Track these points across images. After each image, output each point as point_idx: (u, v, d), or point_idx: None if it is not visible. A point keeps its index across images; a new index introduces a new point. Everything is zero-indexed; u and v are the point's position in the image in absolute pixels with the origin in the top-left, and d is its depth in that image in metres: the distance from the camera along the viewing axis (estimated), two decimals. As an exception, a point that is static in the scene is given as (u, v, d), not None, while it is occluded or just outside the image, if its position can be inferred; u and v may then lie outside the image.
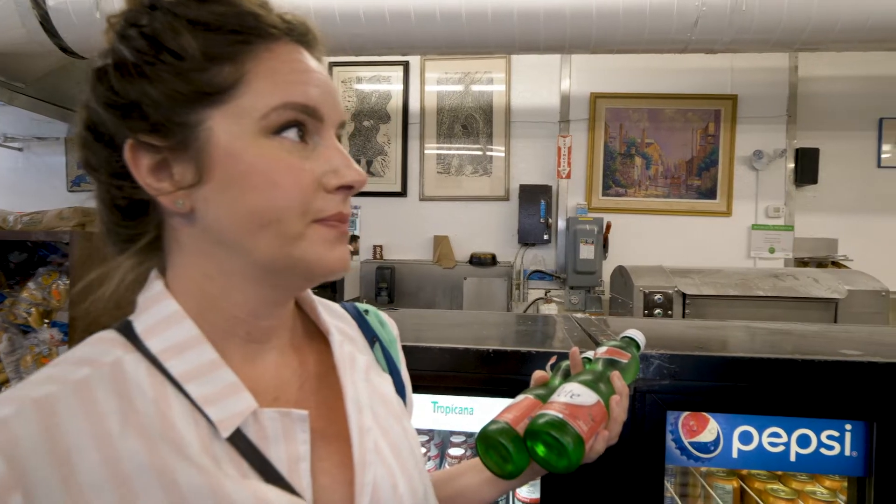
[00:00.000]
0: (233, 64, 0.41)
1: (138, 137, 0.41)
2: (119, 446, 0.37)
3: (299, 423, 0.44)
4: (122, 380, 0.40)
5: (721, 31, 2.26)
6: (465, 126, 3.47)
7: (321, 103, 0.43)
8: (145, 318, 0.43)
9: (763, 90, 3.22)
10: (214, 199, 0.41)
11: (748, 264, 3.25)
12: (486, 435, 0.59)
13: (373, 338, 0.60)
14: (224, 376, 0.42)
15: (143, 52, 0.40)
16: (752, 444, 0.87)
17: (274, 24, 0.43)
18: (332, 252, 0.44)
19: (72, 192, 3.61)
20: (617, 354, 0.67)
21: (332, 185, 0.43)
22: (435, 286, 3.39)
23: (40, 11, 2.22)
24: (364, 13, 2.35)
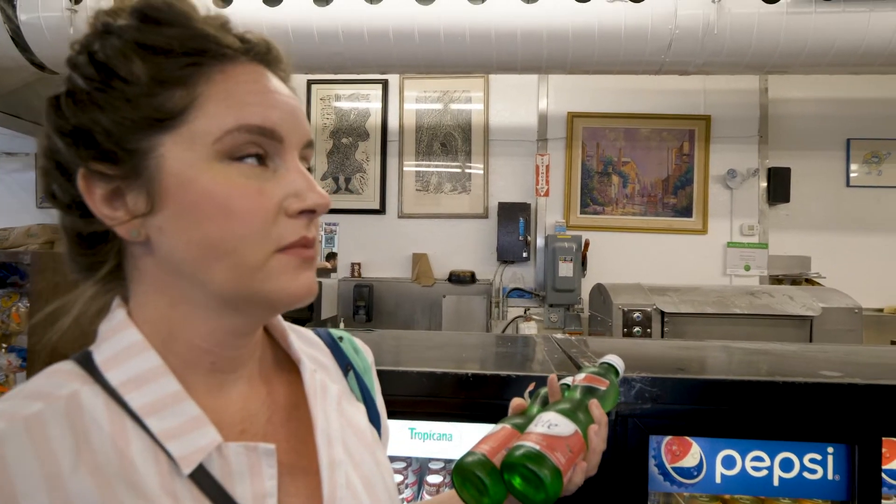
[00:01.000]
0: (184, 88, 0.40)
1: (90, 166, 0.40)
2: (70, 487, 0.35)
3: (265, 457, 0.42)
4: (77, 414, 0.38)
5: (694, 54, 2.32)
6: (444, 144, 3.48)
7: (280, 124, 0.41)
8: (105, 349, 0.42)
9: (735, 111, 3.31)
10: (168, 228, 0.40)
11: (724, 281, 3.29)
12: (462, 467, 0.57)
13: (347, 365, 0.58)
14: (187, 409, 0.41)
15: (93, 78, 0.39)
16: (735, 469, 0.86)
17: (229, 44, 0.42)
18: (295, 281, 0.42)
19: (41, 208, 3.52)
20: (595, 381, 0.65)
21: (293, 210, 0.42)
22: (414, 304, 3.35)
23: (11, 26, 2.18)
24: (343, 32, 2.34)
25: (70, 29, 2.17)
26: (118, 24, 0.40)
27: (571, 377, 0.69)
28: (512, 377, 0.88)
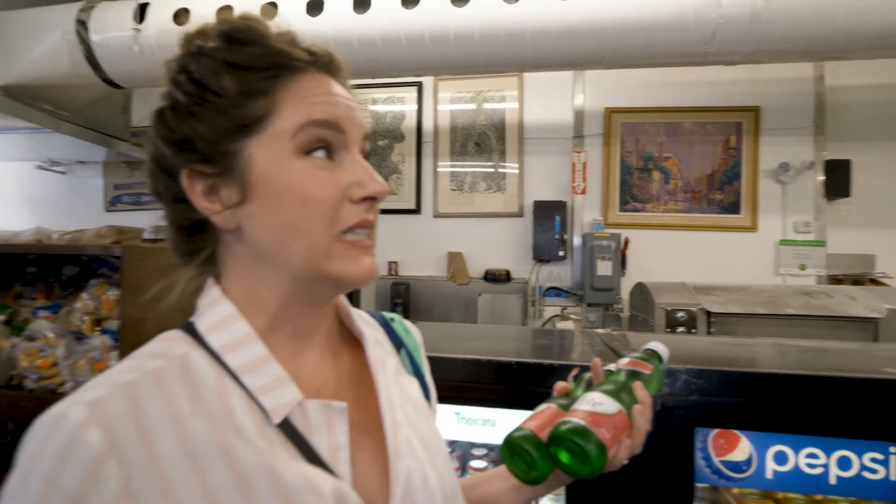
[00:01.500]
0: (265, 97, 0.47)
1: (191, 167, 0.48)
2: (189, 426, 0.42)
3: (339, 414, 0.49)
4: (189, 371, 0.46)
5: (741, 42, 2.22)
6: (479, 143, 3.47)
7: (342, 118, 0.49)
8: (205, 319, 0.49)
9: (787, 101, 3.15)
10: (257, 215, 0.47)
11: (776, 282, 3.14)
12: (511, 441, 0.61)
13: (399, 344, 0.64)
14: (273, 370, 0.47)
15: (192, 94, 0.47)
16: (787, 465, 0.81)
17: (300, 57, 0.49)
18: (357, 266, 0.49)
19: (108, 211, 3.80)
20: (639, 366, 0.67)
21: (356, 196, 0.48)
22: (449, 302, 3.35)
23: (85, 47, 2.35)
24: (380, 38, 2.38)
25: (135, 47, 2.31)
26: (209, 46, 0.48)
27: (614, 363, 0.70)
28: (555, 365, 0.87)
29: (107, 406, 0.40)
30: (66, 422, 0.39)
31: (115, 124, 3.16)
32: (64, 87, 2.57)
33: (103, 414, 0.40)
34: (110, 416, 0.40)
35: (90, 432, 0.39)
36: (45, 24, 2.37)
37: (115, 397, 0.41)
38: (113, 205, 3.80)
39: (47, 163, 3.63)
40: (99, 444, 0.38)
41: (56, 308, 1.48)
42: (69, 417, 0.39)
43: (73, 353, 1.33)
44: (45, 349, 1.31)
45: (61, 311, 1.46)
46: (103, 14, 2.36)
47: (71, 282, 1.60)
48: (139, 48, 2.31)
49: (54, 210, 3.80)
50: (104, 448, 0.39)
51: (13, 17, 2.41)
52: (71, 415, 0.39)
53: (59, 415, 0.39)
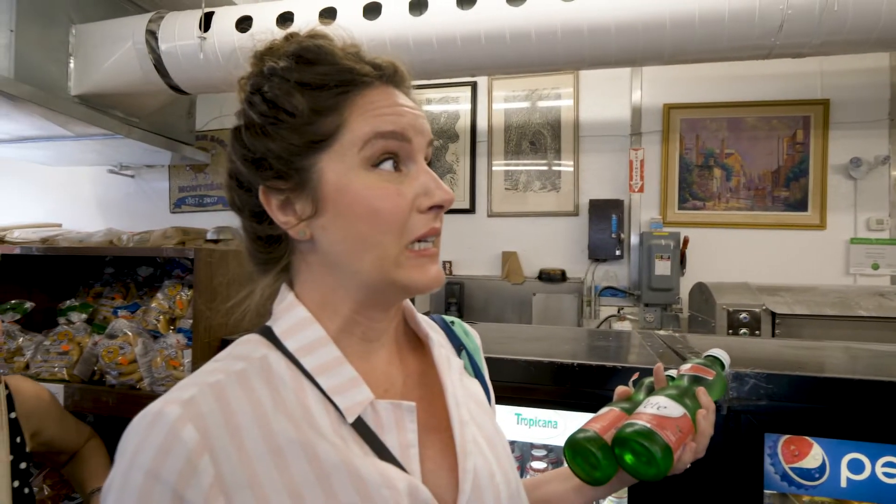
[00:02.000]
0: (335, 113, 0.49)
1: (267, 183, 0.50)
2: (273, 423, 0.45)
3: (408, 413, 0.50)
4: (269, 372, 0.48)
5: (809, 34, 2.14)
6: (533, 142, 3.48)
7: (406, 128, 0.50)
8: (282, 323, 0.52)
9: (859, 93, 2.98)
10: (329, 227, 0.49)
11: (847, 282, 2.98)
12: (575, 442, 0.62)
13: (459, 346, 0.66)
14: (346, 371, 0.50)
15: (266, 114, 0.49)
16: (863, 474, 0.81)
17: (367, 73, 0.50)
18: (424, 275, 0.50)
19: (174, 213, 3.99)
20: (701, 371, 0.68)
21: (424, 206, 0.50)
22: (504, 302, 3.38)
23: (154, 55, 2.50)
24: (436, 39, 2.43)
25: (200, 54, 2.46)
26: (280, 66, 0.50)
27: (676, 369, 0.71)
28: (618, 368, 0.90)
29: (199, 404, 0.43)
30: (163, 419, 0.42)
31: (180, 129, 3.32)
32: (134, 95, 2.72)
33: (196, 412, 0.43)
34: (202, 414, 0.43)
35: (186, 429, 0.41)
36: (117, 35, 2.52)
37: (206, 396, 0.44)
38: (178, 206, 3.99)
39: (118, 167, 3.83)
40: (194, 440, 0.41)
41: (134, 308, 1.57)
42: (166, 415, 0.42)
43: (149, 350, 1.40)
44: (125, 347, 1.38)
45: (138, 311, 1.55)
46: (171, 24, 2.49)
47: (146, 282, 1.69)
48: (204, 55, 2.43)
49: (124, 212, 4.03)
50: (199, 443, 0.41)
51: (90, 29, 2.56)
52: (168, 412, 0.42)
53: (157, 412, 0.42)
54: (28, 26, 2.30)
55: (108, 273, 1.73)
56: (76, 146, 2.99)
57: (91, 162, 3.72)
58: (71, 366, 1.41)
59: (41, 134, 2.77)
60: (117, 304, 1.60)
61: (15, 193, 4.17)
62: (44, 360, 1.40)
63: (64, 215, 3.80)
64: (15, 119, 2.50)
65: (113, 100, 2.71)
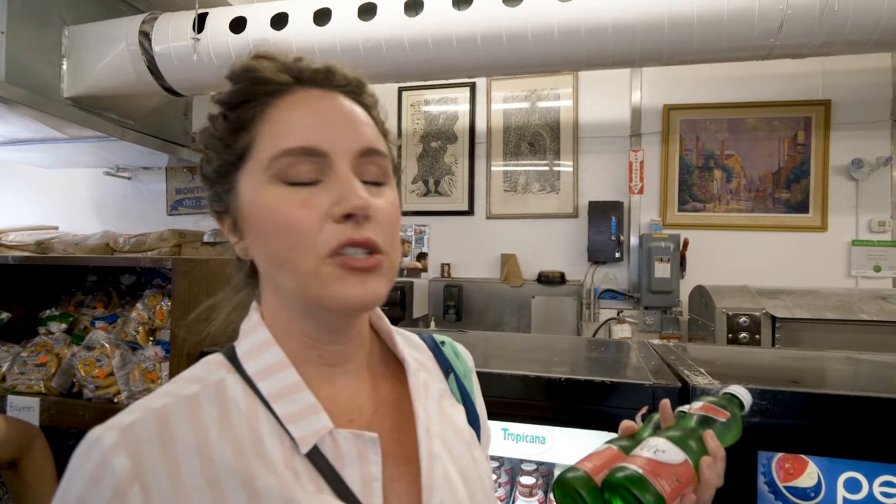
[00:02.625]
0: (247, 130, 0.48)
1: (214, 207, 0.53)
2: (214, 453, 0.43)
3: (371, 445, 0.47)
4: (223, 397, 0.46)
5: (810, 35, 2.11)
6: (532, 143, 3.45)
7: (322, 141, 0.46)
8: (244, 343, 0.51)
9: (861, 94, 2.95)
10: (252, 246, 0.50)
11: (848, 284, 2.95)
12: (564, 482, 0.58)
13: (448, 369, 0.62)
14: (304, 398, 0.47)
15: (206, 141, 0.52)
16: (860, 494, 0.78)
17: (281, 80, 0.49)
18: (344, 289, 0.45)
19: (171, 215, 3.99)
20: (713, 412, 0.61)
21: (336, 215, 0.45)
22: (503, 304, 3.36)
23: (148, 57, 2.48)
24: (432, 40, 2.41)
25: (194, 56, 2.44)
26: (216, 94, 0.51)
27: (689, 405, 0.65)
28: (606, 383, 0.87)
29: (137, 431, 0.42)
30: (99, 445, 0.41)
31: (176, 131, 3.29)
32: (128, 96, 2.70)
33: (132, 439, 0.41)
34: (138, 441, 0.42)
35: (118, 458, 0.40)
36: (111, 37, 2.50)
37: (146, 423, 0.43)
38: (175, 209, 3.98)
39: (114, 169, 3.81)
40: (125, 469, 0.40)
41: (113, 318, 1.52)
42: (102, 441, 0.41)
43: (127, 363, 1.37)
44: (102, 359, 1.35)
45: (118, 321, 1.50)
46: (164, 25, 2.47)
47: (129, 290, 1.64)
48: (198, 57, 2.42)
49: (121, 214, 4.02)
50: (129, 473, 0.40)
51: (83, 30, 2.54)
52: (104, 439, 0.41)
53: (95, 438, 0.42)
54: (20, 27, 2.28)
55: (90, 281, 1.69)
56: (71, 148, 2.98)
57: (87, 164, 3.71)
58: (48, 378, 1.38)
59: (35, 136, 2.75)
60: (98, 315, 1.56)
61: (11, 196, 4.17)
62: (20, 371, 1.37)
63: (60, 218, 3.78)
64: (8, 121, 2.49)
65: (107, 102, 2.69)
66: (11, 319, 1.46)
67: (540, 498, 1.17)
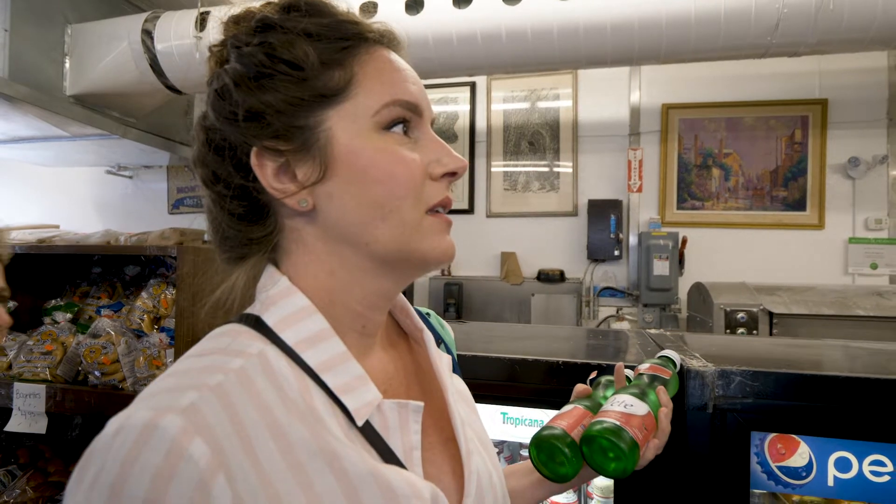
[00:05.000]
0: (342, 68, 0.45)
1: (264, 143, 0.44)
2: (290, 435, 0.39)
3: (414, 413, 0.46)
4: (270, 370, 0.41)
5: (806, 33, 2.13)
6: (532, 143, 3.48)
7: (421, 99, 0.48)
8: (275, 312, 0.45)
9: (857, 93, 2.97)
10: (338, 193, 0.44)
11: (845, 281, 2.97)
12: (541, 439, 0.63)
13: (438, 339, 0.63)
14: (353, 369, 0.45)
15: (262, 64, 0.44)
16: (850, 472, 0.80)
17: (371, 29, 0.48)
18: (442, 241, 0.48)
19: (172, 214, 3.99)
20: (660, 371, 0.72)
21: (437, 174, 0.47)
22: (502, 302, 3.37)
23: (150, 55, 2.50)
24: (432, 38, 2.43)
25: (196, 53, 2.46)
26: (277, 18, 0.45)
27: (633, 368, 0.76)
28: (603, 366, 0.89)
29: (204, 413, 0.35)
30: (160, 433, 0.33)
31: (177, 129, 3.29)
32: (130, 95, 2.72)
33: (202, 422, 0.35)
34: (210, 425, 0.35)
35: (193, 445, 0.33)
36: (113, 35, 2.51)
37: (210, 403, 0.36)
38: (176, 207, 3.98)
39: (115, 168, 3.81)
40: (205, 458, 0.33)
41: (118, 307, 1.54)
42: (163, 428, 0.33)
43: (132, 349, 1.38)
44: (108, 346, 1.35)
45: (123, 310, 1.52)
46: (167, 23, 2.49)
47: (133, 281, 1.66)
48: (200, 55, 2.43)
49: (122, 213, 4.02)
50: (212, 461, 0.34)
51: (85, 29, 2.56)
52: (165, 424, 0.33)
53: (147, 425, 0.34)
54: (23, 26, 2.31)
55: (95, 272, 1.71)
56: (73, 147, 2.99)
57: (88, 163, 3.72)
58: (54, 366, 1.40)
59: (37, 134, 2.77)
60: (103, 304, 1.57)
61: (12, 194, 4.18)
62: (27, 360, 1.39)
63: (61, 216, 3.79)
64: (10, 119, 2.50)
65: (109, 100, 2.71)
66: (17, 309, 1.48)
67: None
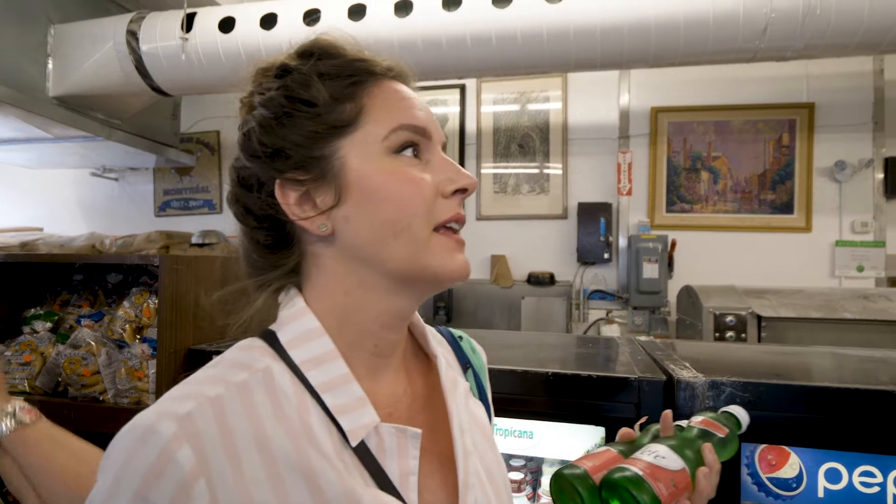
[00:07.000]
0: (353, 101, 0.49)
1: (285, 177, 0.48)
2: (273, 447, 0.42)
3: (412, 439, 0.47)
4: (272, 385, 0.45)
5: (793, 38, 2.14)
6: (522, 145, 3.47)
7: (428, 123, 0.51)
8: (288, 331, 0.49)
9: (844, 97, 3.01)
10: (353, 215, 0.48)
11: (833, 284, 3.00)
12: (562, 477, 0.59)
13: (466, 364, 0.64)
14: (353, 390, 0.47)
15: (283, 106, 0.48)
16: (840, 484, 0.80)
17: (378, 64, 0.51)
18: (454, 260, 0.49)
19: (158, 216, 3.94)
20: (713, 427, 0.64)
21: (448, 191, 0.50)
22: (493, 305, 3.37)
23: (135, 56, 2.46)
24: (422, 41, 2.42)
25: (182, 55, 2.42)
26: (294, 64, 0.50)
27: (687, 420, 0.67)
28: (594, 377, 0.88)
29: (196, 422, 0.40)
30: (156, 436, 0.38)
31: (164, 131, 3.26)
32: (115, 96, 2.68)
33: (193, 430, 0.39)
34: (200, 433, 0.39)
35: (181, 450, 0.38)
36: (97, 36, 2.47)
37: (204, 413, 0.41)
38: (163, 210, 3.94)
39: (100, 170, 3.76)
40: (190, 463, 0.38)
41: (99, 316, 1.50)
42: (159, 432, 0.39)
43: (113, 361, 1.34)
44: (88, 357, 1.32)
45: (104, 319, 1.47)
46: (152, 24, 2.45)
47: (115, 289, 1.61)
48: (186, 56, 2.40)
49: (107, 215, 3.96)
50: (195, 466, 0.38)
51: (69, 29, 2.52)
52: (161, 429, 0.39)
53: (148, 427, 0.39)
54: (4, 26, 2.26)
55: (76, 279, 1.66)
56: (57, 148, 2.94)
57: (73, 164, 3.66)
58: (33, 377, 1.36)
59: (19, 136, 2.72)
60: (83, 313, 1.54)
61: (-5, 196, 4.11)
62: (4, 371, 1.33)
63: (45, 219, 3.72)
64: (-8, 121, 2.46)
65: (93, 101, 2.67)
66: (-4, 320, 1.44)
67: (528, 493, 1.17)
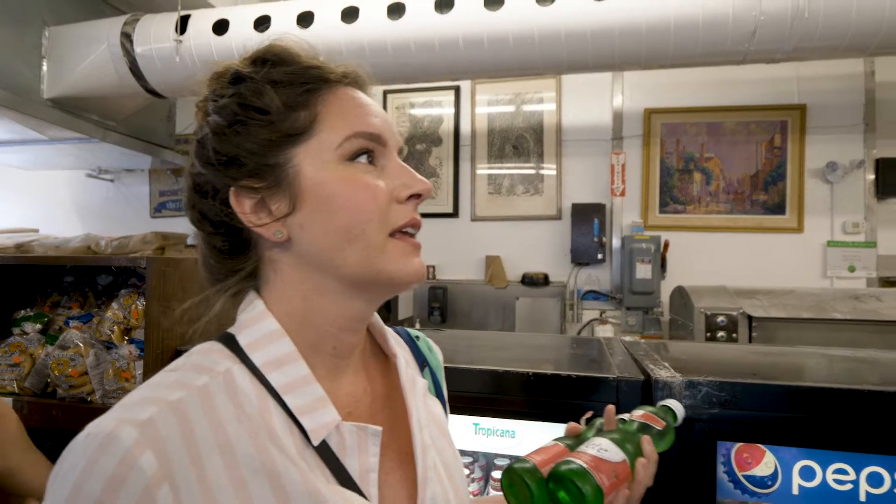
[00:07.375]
0: (306, 109, 0.49)
1: (239, 184, 0.48)
2: (237, 451, 0.42)
3: (373, 437, 0.49)
4: (233, 388, 0.45)
5: (782, 40, 2.16)
6: (516, 146, 3.49)
7: (383, 130, 0.51)
8: (248, 334, 0.49)
9: (835, 98, 3.03)
10: (308, 223, 0.48)
11: (824, 284, 3.02)
12: (512, 471, 0.62)
13: (423, 363, 0.65)
14: (314, 391, 0.47)
15: (236, 113, 0.48)
16: (814, 481, 0.81)
17: (333, 71, 0.52)
18: (409, 264, 0.50)
19: (154, 217, 3.95)
20: (652, 420, 0.69)
21: (403, 196, 0.50)
22: (487, 306, 3.38)
23: (129, 58, 2.47)
24: (414, 43, 2.43)
25: (176, 57, 2.44)
26: (247, 71, 0.50)
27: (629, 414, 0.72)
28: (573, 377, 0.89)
29: (158, 427, 0.39)
30: (117, 443, 0.37)
31: (159, 133, 3.26)
32: (110, 98, 2.68)
33: (155, 436, 0.39)
34: (162, 438, 0.39)
35: (144, 456, 0.38)
36: (92, 38, 2.48)
37: (166, 418, 0.40)
38: (158, 211, 3.95)
39: (96, 171, 3.77)
40: (153, 469, 0.38)
41: (87, 318, 1.50)
42: (120, 439, 0.38)
43: (101, 362, 1.35)
44: (76, 358, 1.32)
45: (93, 321, 1.48)
46: (146, 26, 2.46)
47: (105, 291, 1.62)
48: (180, 59, 2.41)
49: (103, 216, 3.97)
50: (158, 472, 0.38)
51: (63, 31, 2.52)
52: (122, 436, 0.38)
53: (108, 434, 0.38)
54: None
55: (67, 281, 1.67)
56: (52, 150, 2.95)
57: (69, 166, 3.67)
58: (22, 378, 1.36)
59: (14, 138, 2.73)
60: (73, 314, 1.54)
61: (-9, 197, 4.11)
62: None
63: (41, 220, 3.72)
64: (-13, 123, 2.46)
65: (88, 103, 2.67)
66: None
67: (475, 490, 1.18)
